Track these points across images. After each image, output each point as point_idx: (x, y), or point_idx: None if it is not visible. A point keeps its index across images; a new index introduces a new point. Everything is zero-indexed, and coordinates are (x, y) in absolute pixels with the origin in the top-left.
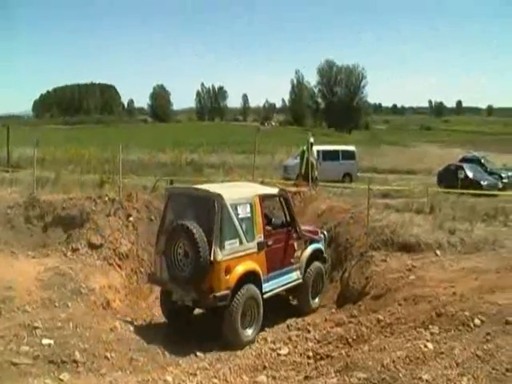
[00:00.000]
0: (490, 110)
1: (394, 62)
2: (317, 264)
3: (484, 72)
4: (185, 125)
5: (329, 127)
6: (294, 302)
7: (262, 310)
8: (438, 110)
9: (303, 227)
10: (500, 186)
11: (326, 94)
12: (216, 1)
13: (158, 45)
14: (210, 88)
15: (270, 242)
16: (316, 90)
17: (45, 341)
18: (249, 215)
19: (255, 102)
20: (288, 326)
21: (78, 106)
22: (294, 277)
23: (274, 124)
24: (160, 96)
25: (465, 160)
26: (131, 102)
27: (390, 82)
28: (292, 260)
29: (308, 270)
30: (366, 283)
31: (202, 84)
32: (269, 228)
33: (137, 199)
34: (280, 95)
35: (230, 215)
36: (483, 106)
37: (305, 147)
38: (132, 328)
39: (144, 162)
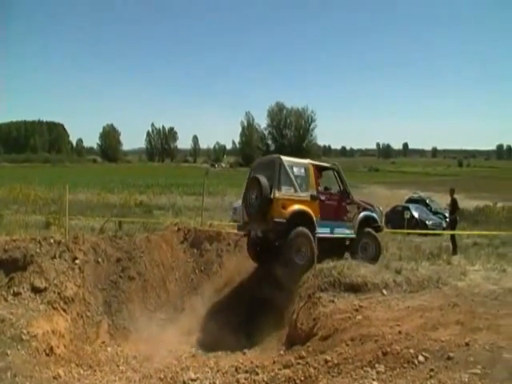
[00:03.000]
0: (435, 152)
1: (343, 105)
2: (370, 229)
3: (429, 115)
4: (135, 165)
5: None
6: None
7: (314, 247)
8: (385, 151)
9: (361, 200)
10: (444, 225)
11: (275, 136)
12: (166, 41)
13: (109, 84)
14: (161, 129)
15: (322, 198)
16: (266, 132)
17: None
18: (303, 174)
19: (206, 143)
20: (236, 369)
21: (24, 144)
22: (346, 231)
23: (224, 166)
24: (110, 136)
25: (411, 201)
26: (80, 141)
27: (339, 124)
28: (345, 217)
29: (360, 229)
30: (313, 324)
31: (153, 124)
32: (323, 189)
33: (84, 241)
34: (230, 137)
35: (286, 171)
36: (428, 148)
37: None
38: (76, 375)
39: (92, 202)
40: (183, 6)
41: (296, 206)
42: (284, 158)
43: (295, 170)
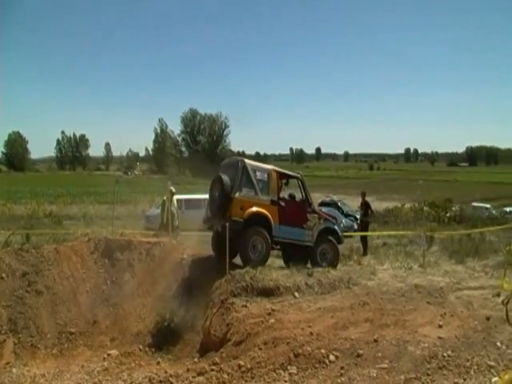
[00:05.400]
0: (347, 156)
1: (256, 110)
2: (330, 237)
3: (340, 120)
4: (44, 174)
5: (193, 176)
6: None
7: (269, 247)
8: (299, 156)
9: (323, 211)
10: (355, 227)
11: (189, 143)
12: (74, 44)
13: (14, 88)
14: (71, 136)
15: (282, 203)
16: (180, 139)
17: None
18: (265, 179)
19: (118, 150)
20: (150, 380)
21: None
22: (305, 238)
23: (137, 173)
24: (16, 144)
25: (323, 204)
26: None
27: (252, 130)
28: (304, 225)
29: (319, 239)
30: (227, 330)
31: (63, 132)
32: (285, 196)
33: None
34: (144, 144)
35: (248, 174)
36: (340, 152)
37: (165, 197)
38: None
39: None
40: (95, 5)
41: (254, 208)
42: (248, 162)
43: (258, 174)
